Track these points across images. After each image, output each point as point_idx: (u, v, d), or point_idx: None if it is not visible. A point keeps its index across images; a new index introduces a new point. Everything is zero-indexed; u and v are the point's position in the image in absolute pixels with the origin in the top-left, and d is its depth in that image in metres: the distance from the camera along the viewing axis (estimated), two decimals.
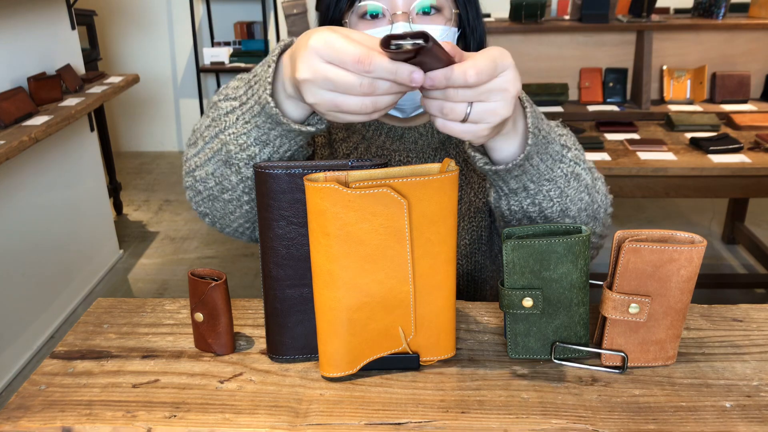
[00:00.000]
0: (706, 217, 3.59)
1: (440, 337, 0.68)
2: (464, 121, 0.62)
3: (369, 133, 0.98)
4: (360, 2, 0.85)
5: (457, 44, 0.90)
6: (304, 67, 0.60)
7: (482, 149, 0.74)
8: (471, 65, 0.59)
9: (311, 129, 0.70)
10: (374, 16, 0.85)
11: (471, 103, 0.61)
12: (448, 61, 0.59)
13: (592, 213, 0.81)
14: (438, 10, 0.86)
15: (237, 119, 0.72)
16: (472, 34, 0.92)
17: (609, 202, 0.85)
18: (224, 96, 0.76)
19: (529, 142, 0.70)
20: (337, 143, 0.99)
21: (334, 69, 0.58)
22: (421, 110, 0.92)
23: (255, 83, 0.71)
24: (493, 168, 0.72)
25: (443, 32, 0.85)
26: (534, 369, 0.68)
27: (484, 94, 0.61)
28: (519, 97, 0.70)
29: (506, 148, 0.71)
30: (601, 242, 0.87)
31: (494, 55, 0.61)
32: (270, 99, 0.67)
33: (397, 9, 0.84)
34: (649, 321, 0.66)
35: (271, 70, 0.68)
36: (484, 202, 0.97)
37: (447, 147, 0.98)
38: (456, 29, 0.89)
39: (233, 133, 0.72)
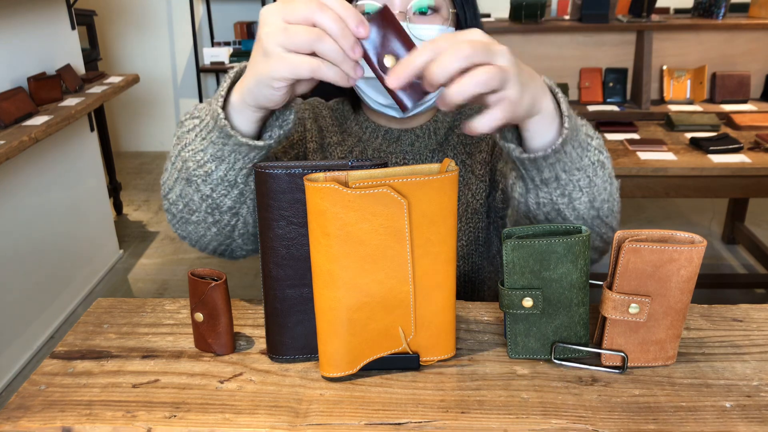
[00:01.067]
0: (706, 217, 3.59)
1: (440, 337, 0.68)
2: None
3: (365, 136, 0.97)
4: (357, 2, 0.85)
5: None
6: (265, 30, 0.63)
7: (516, 139, 0.73)
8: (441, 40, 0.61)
9: (260, 143, 0.71)
10: None
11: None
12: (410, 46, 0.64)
13: (612, 206, 0.80)
14: (435, 10, 0.86)
15: (195, 136, 0.74)
16: None
17: (618, 194, 0.84)
18: (190, 115, 0.78)
19: (566, 125, 0.69)
20: (331, 147, 0.98)
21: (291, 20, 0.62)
22: (417, 110, 0.91)
23: (213, 100, 0.73)
24: (531, 156, 0.70)
25: (440, 32, 0.85)
26: (534, 369, 0.68)
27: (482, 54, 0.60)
28: (547, 84, 0.70)
29: (543, 135, 0.70)
30: (612, 236, 0.86)
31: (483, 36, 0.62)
32: (221, 111, 0.69)
33: (395, 9, 0.84)
34: (649, 321, 0.66)
35: (226, 84, 0.71)
36: (482, 204, 0.97)
37: (444, 149, 0.98)
38: (453, 29, 0.89)
39: (192, 149, 0.75)
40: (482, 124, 0.63)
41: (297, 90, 0.70)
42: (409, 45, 0.64)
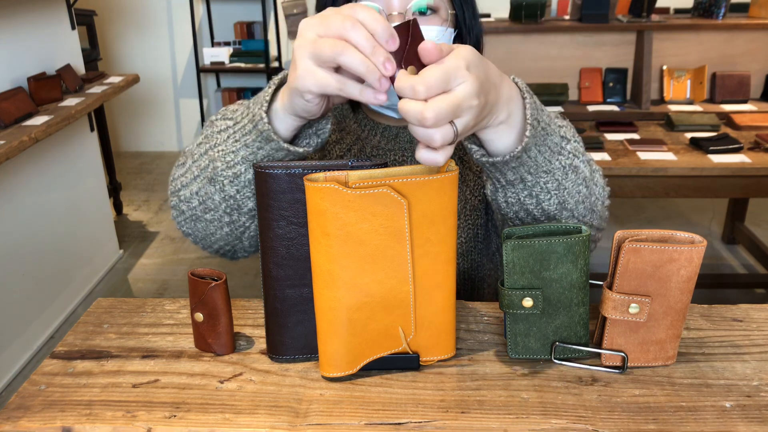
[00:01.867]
0: (706, 217, 3.59)
1: (440, 337, 0.68)
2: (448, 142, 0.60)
3: (364, 134, 0.97)
4: (356, 2, 0.85)
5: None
6: (298, 41, 0.63)
7: (478, 141, 0.73)
8: (419, 81, 0.58)
9: (299, 150, 0.72)
10: None
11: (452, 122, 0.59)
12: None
13: (590, 205, 0.80)
14: (434, 11, 0.86)
15: (228, 137, 0.75)
16: (469, 35, 0.92)
17: (606, 194, 0.84)
18: (221, 116, 0.79)
19: (527, 134, 0.68)
20: (329, 145, 0.99)
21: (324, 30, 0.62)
22: None
23: (253, 104, 0.74)
24: (490, 160, 0.71)
25: (439, 33, 0.85)
26: (534, 369, 0.68)
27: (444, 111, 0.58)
28: (519, 88, 0.69)
29: (502, 141, 0.70)
30: (599, 235, 0.86)
31: (448, 67, 0.59)
32: (264, 115, 0.70)
33: (393, 9, 0.84)
34: (649, 321, 0.66)
35: (270, 90, 0.72)
36: (480, 200, 0.97)
37: None
38: (452, 30, 0.89)
39: (222, 150, 0.75)
40: (429, 157, 0.61)
41: (333, 101, 0.71)
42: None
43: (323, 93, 0.64)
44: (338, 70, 0.63)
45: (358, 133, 0.98)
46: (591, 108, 2.89)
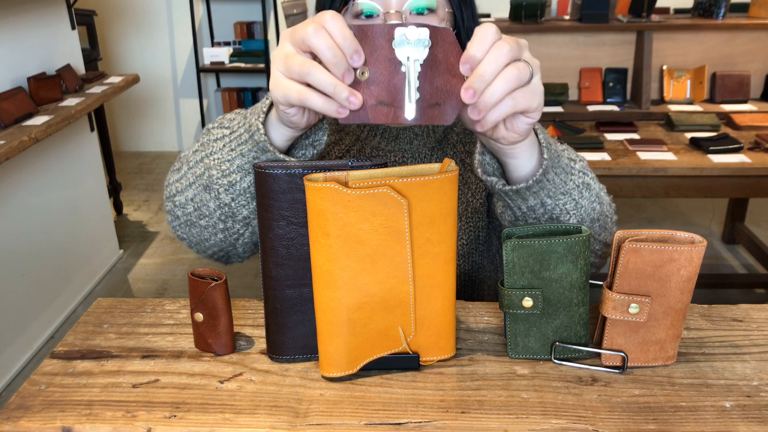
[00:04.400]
0: (706, 217, 3.59)
1: (440, 337, 0.68)
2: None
3: (363, 134, 0.97)
4: (354, 1, 0.85)
5: None
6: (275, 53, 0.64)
7: (496, 173, 0.75)
8: (479, 68, 0.60)
9: (294, 162, 0.71)
10: (369, 17, 0.85)
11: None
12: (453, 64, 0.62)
13: (603, 223, 0.82)
14: (432, 10, 0.86)
15: (224, 146, 0.76)
16: (467, 35, 0.92)
17: (613, 210, 0.86)
18: (218, 124, 0.80)
19: (545, 156, 0.71)
20: (329, 146, 0.98)
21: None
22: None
23: (250, 114, 0.74)
24: (514, 188, 0.72)
25: None
26: (534, 369, 0.68)
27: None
28: None
29: (525, 165, 0.72)
30: (609, 251, 0.88)
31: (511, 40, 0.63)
32: (261, 126, 0.71)
33: (391, 8, 0.83)
34: (649, 321, 0.66)
35: (268, 101, 0.72)
36: (482, 203, 0.97)
37: (443, 147, 0.97)
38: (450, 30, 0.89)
39: (218, 158, 0.76)
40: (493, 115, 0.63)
41: (318, 114, 0.70)
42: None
43: (289, 104, 0.64)
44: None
45: (358, 134, 0.98)
46: (591, 108, 2.89)
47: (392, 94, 0.62)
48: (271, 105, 0.73)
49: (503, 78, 0.60)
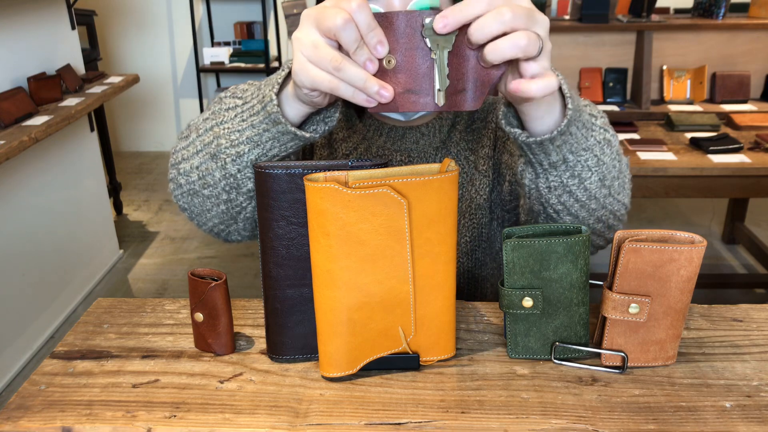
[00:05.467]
0: (706, 217, 3.59)
1: (440, 337, 0.68)
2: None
3: (369, 133, 0.98)
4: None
5: None
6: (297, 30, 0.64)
7: (520, 126, 0.73)
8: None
9: (305, 134, 0.72)
10: None
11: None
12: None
13: (622, 182, 0.81)
14: (436, 9, 0.86)
15: (236, 116, 0.75)
16: None
17: (629, 170, 0.84)
18: (231, 94, 0.79)
19: (569, 106, 0.69)
20: (337, 143, 0.99)
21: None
22: (421, 113, 0.92)
23: (264, 86, 0.73)
24: (538, 139, 0.71)
25: None
26: (534, 369, 0.68)
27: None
28: None
29: (547, 118, 0.70)
30: (625, 213, 0.86)
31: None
32: (274, 97, 0.70)
33: (393, 8, 0.83)
34: (649, 321, 0.66)
35: (283, 73, 0.71)
36: (485, 199, 0.97)
37: (448, 146, 0.98)
38: None
39: (228, 128, 0.75)
40: (538, 88, 0.61)
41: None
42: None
43: (317, 90, 0.64)
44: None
45: (364, 133, 0.98)
46: None
47: (420, 82, 0.62)
48: (286, 78, 0.72)
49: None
